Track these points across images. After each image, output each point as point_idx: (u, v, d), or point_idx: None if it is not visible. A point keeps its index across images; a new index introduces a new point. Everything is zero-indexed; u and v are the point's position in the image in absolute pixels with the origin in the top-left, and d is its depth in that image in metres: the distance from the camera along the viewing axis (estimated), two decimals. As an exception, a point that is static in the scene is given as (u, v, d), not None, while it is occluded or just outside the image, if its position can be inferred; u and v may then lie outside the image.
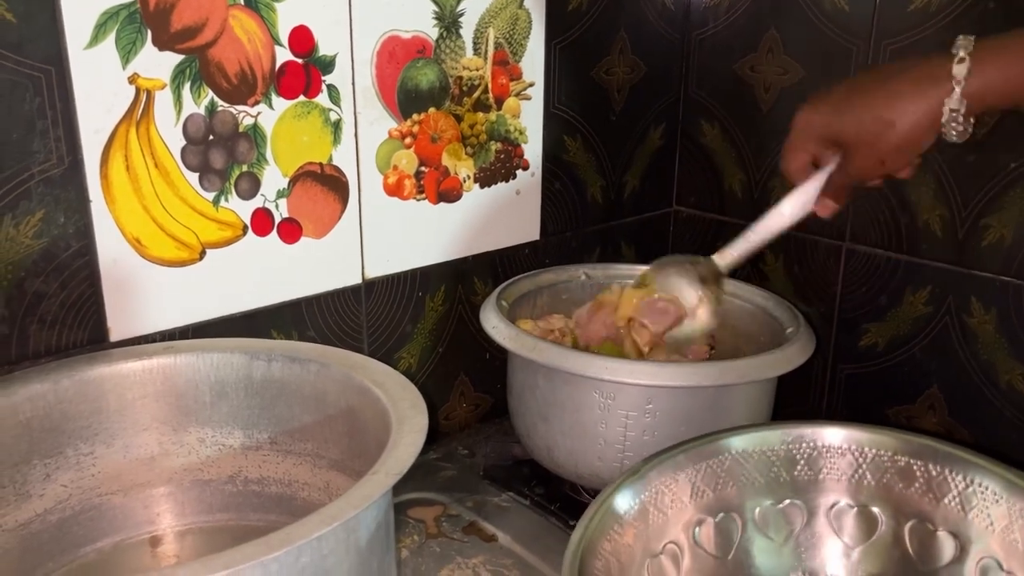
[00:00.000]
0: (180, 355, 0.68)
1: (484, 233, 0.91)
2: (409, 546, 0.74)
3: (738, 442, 0.61)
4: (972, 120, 0.60)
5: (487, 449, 0.91)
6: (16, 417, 0.61)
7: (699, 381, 0.70)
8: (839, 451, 0.62)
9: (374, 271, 0.83)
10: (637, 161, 1.03)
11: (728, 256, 0.75)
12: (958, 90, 0.59)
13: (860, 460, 0.62)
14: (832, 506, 0.63)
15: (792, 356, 0.74)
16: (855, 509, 0.62)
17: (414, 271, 0.86)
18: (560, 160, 0.95)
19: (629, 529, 0.56)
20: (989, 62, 0.58)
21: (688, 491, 0.60)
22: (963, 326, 0.84)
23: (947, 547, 0.60)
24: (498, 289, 0.84)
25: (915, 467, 0.61)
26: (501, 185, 0.91)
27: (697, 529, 0.60)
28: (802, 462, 0.62)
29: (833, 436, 0.62)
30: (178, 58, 0.67)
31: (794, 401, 0.97)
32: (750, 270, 1.00)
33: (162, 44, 0.66)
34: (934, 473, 0.60)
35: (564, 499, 0.81)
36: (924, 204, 0.84)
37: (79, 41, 0.62)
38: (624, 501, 0.56)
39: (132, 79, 0.65)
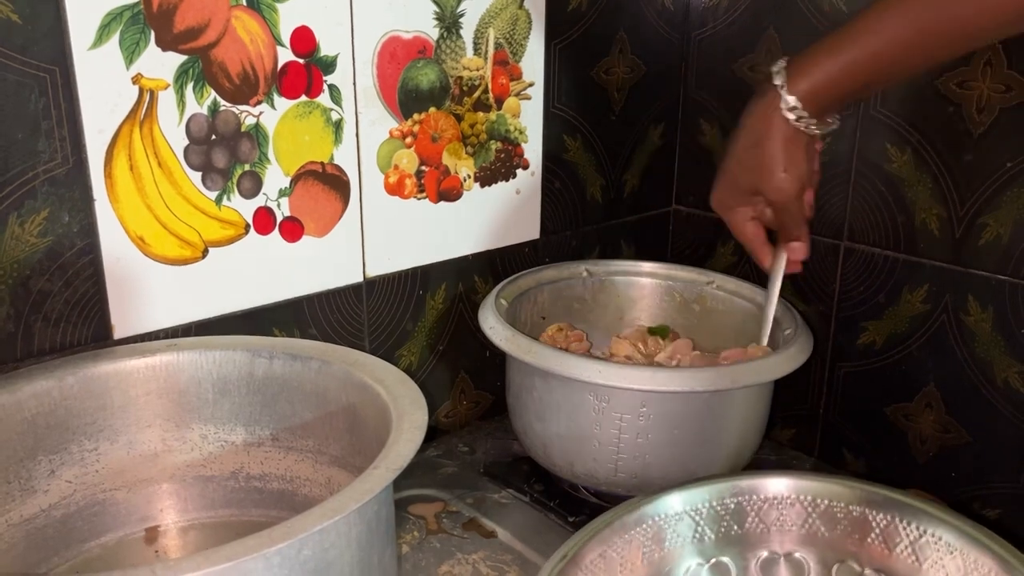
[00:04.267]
0: (183, 353, 0.68)
1: (484, 232, 0.91)
2: (410, 542, 0.74)
3: (662, 506, 0.60)
4: (836, 116, 0.70)
5: (487, 446, 0.91)
6: (21, 414, 0.62)
7: (692, 387, 0.71)
8: (761, 502, 0.62)
9: (375, 269, 0.83)
10: (637, 160, 1.03)
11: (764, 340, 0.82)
12: (780, 85, 0.66)
13: (782, 509, 0.62)
14: (759, 559, 0.62)
15: (787, 360, 0.74)
16: (782, 558, 0.62)
17: (415, 270, 0.87)
18: (560, 159, 0.96)
19: None
20: (802, 62, 0.66)
21: (618, 566, 0.58)
22: (960, 324, 0.84)
23: None
24: (497, 287, 0.85)
25: (836, 510, 0.61)
26: (501, 184, 0.91)
27: None
28: (727, 518, 0.62)
29: (754, 488, 0.62)
30: (181, 58, 0.67)
31: (793, 400, 0.98)
32: (749, 269, 1.01)
33: (165, 45, 0.66)
34: (855, 514, 0.60)
35: (563, 496, 0.82)
36: (921, 203, 0.85)
37: (83, 42, 0.63)
38: None
39: (136, 79, 0.66)
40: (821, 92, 0.66)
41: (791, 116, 0.67)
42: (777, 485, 0.62)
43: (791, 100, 0.66)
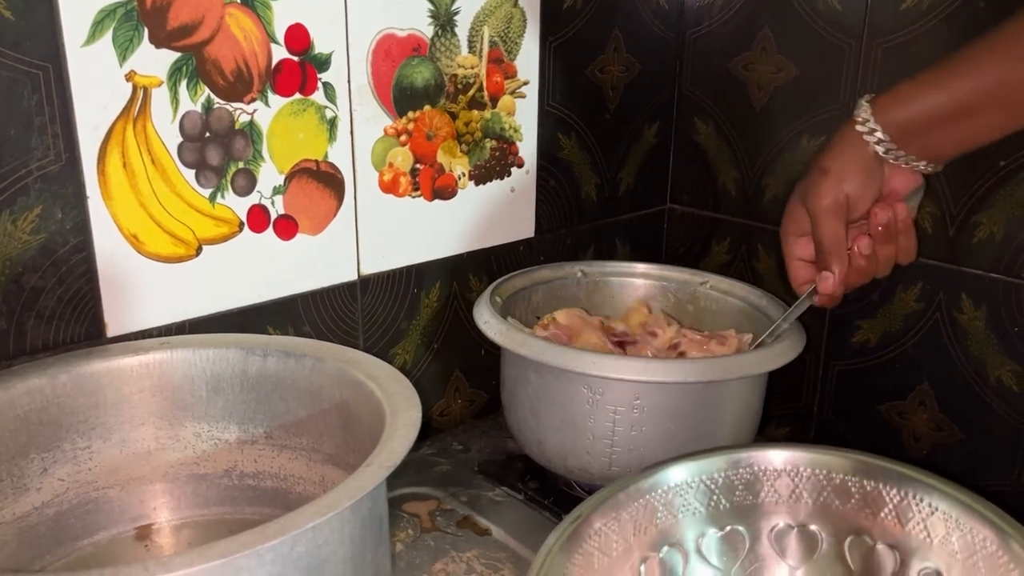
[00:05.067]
0: (176, 350, 0.68)
1: (479, 230, 0.91)
2: (404, 540, 0.74)
3: (675, 473, 0.61)
4: (934, 162, 0.67)
5: (481, 444, 0.91)
6: (14, 411, 0.62)
7: (685, 377, 0.71)
8: (775, 473, 0.62)
9: (369, 268, 0.83)
10: (631, 159, 1.03)
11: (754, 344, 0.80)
12: (864, 104, 0.65)
13: (797, 481, 0.62)
14: (773, 528, 0.63)
15: (779, 353, 0.74)
16: (795, 529, 0.63)
17: (409, 268, 0.87)
18: (555, 158, 0.96)
19: None
20: (890, 93, 0.65)
21: (631, 529, 0.59)
22: (954, 323, 0.84)
23: (887, 560, 0.60)
24: (492, 285, 0.85)
25: (850, 483, 0.61)
26: (496, 182, 0.91)
27: (642, 567, 0.59)
28: (741, 487, 0.62)
29: (769, 459, 0.62)
30: (175, 56, 0.67)
31: (787, 398, 0.98)
32: (743, 268, 1.01)
33: (159, 42, 0.66)
34: (868, 488, 0.60)
35: (558, 494, 0.82)
36: (915, 202, 0.85)
37: (76, 38, 0.63)
38: (570, 548, 0.54)
39: (129, 76, 0.66)
40: (910, 117, 0.64)
41: (857, 119, 0.66)
42: (792, 457, 0.62)
43: (863, 104, 0.66)
